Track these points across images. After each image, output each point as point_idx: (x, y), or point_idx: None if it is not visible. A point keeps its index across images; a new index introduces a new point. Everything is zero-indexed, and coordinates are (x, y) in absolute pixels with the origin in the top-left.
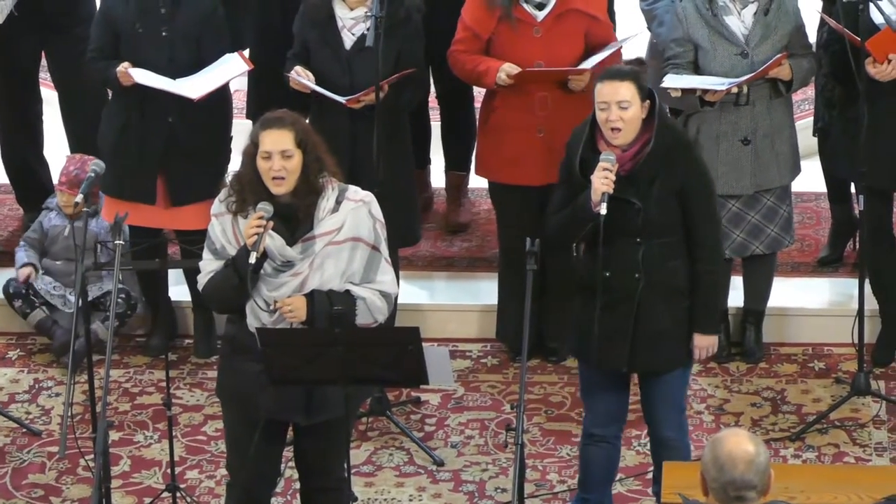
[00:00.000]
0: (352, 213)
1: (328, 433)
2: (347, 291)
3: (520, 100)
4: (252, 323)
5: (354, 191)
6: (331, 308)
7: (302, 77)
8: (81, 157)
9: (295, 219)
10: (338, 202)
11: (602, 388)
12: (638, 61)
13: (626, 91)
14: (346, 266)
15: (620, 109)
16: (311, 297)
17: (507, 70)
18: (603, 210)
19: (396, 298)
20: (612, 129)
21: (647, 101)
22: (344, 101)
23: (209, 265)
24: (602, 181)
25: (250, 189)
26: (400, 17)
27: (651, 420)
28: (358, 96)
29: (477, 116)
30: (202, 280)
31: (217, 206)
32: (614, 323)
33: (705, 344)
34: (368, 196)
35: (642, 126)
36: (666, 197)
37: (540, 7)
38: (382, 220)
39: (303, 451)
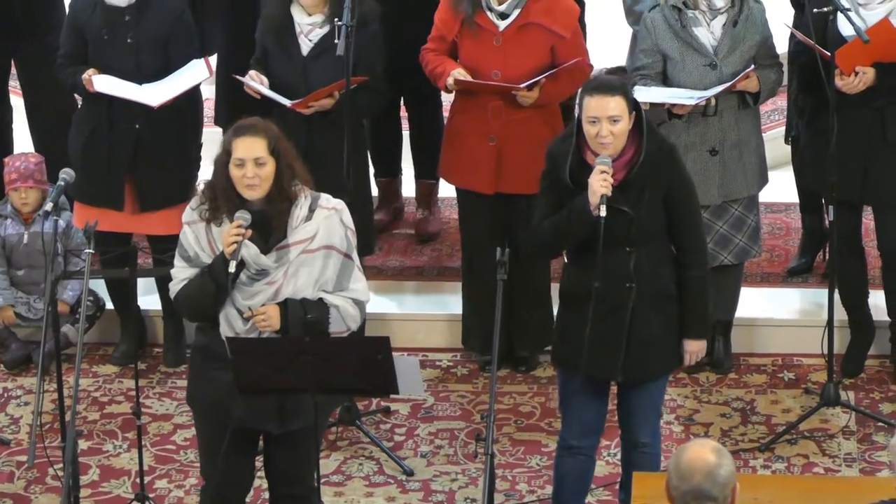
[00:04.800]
0: (325, 221)
1: (298, 441)
2: (321, 300)
3: (475, 106)
4: (225, 331)
5: (327, 199)
6: (304, 316)
7: (255, 81)
8: (21, 153)
9: (268, 227)
10: (311, 210)
11: (583, 399)
12: (619, 70)
13: (616, 105)
14: (319, 274)
15: (612, 124)
16: (285, 305)
17: (454, 75)
18: (603, 212)
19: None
20: (602, 143)
21: (634, 113)
22: (289, 105)
23: (182, 273)
24: (601, 183)
25: (223, 197)
26: (356, 22)
27: (628, 425)
28: (304, 100)
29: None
30: (175, 287)
31: (189, 213)
32: (607, 332)
33: (696, 349)
34: (340, 204)
35: (628, 136)
36: (655, 204)
37: (503, 17)
38: (353, 228)
39: (272, 459)
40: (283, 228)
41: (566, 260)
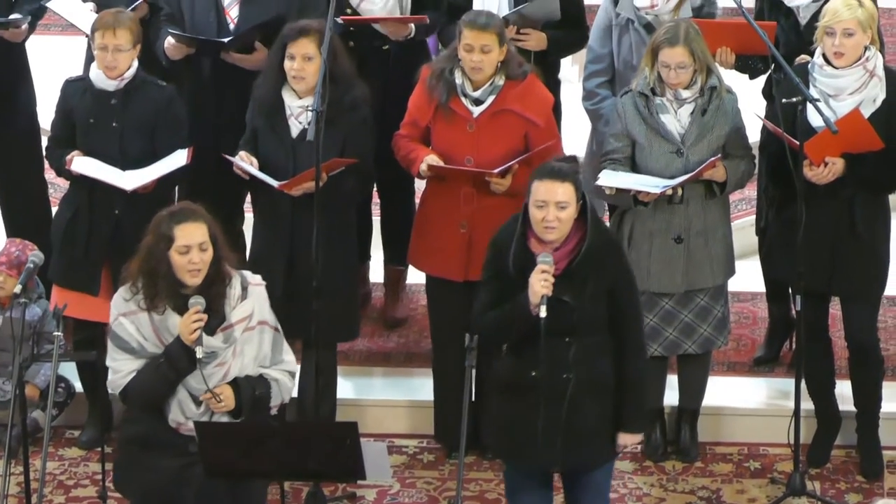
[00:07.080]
0: (257, 297)
1: None
2: (261, 375)
3: (447, 193)
4: (177, 416)
5: (251, 275)
6: (254, 393)
7: (244, 162)
8: (22, 241)
9: (207, 309)
10: (243, 288)
11: (528, 490)
12: (571, 158)
13: (564, 192)
14: (257, 350)
15: (559, 210)
16: (236, 384)
17: (427, 161)
18: (543, 313)
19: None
20: (547, 228)
21: (580, 201)
22: (276, 186)
23: (126, 365)
24: (542, 283)
25: (164, 284)
26: (345, 106)
27: None
28: (291, 181)
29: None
30: (122, 381)
31: (122, 304)
32: (544, 422)
33: (630, 442)
34: (261, 279)
35: (573, 225)
36: (597, 296)
37: (477, 103)
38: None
39: None
40: (221, 310)
41: (503, 348)
